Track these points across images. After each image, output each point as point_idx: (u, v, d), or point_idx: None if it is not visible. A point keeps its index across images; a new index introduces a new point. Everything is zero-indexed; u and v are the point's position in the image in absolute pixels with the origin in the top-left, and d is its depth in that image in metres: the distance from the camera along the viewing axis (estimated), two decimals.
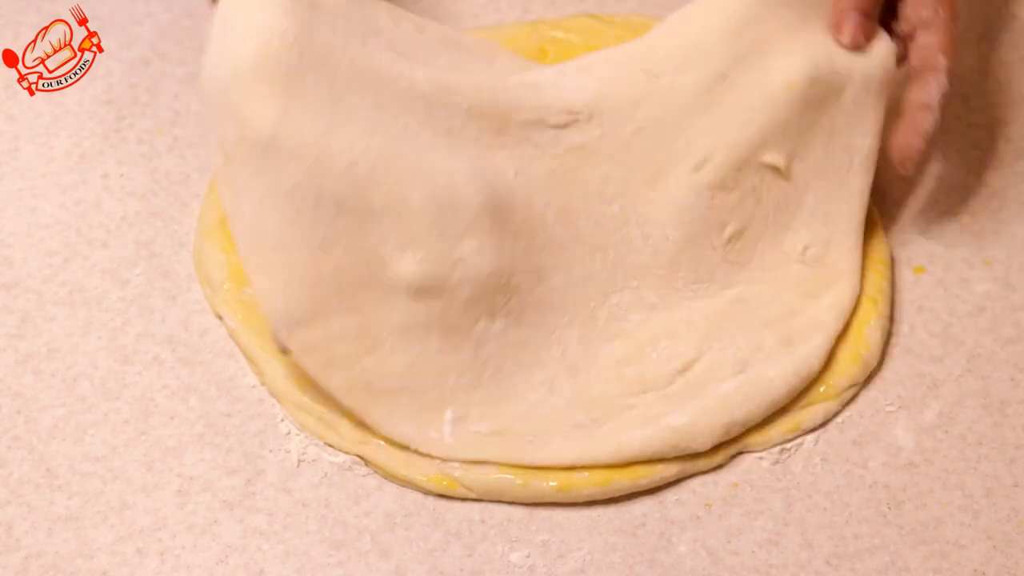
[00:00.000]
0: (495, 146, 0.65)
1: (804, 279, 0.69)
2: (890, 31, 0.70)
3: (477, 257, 0.63)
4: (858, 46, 0.69)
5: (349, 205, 0.60)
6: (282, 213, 0.60)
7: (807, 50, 0.68)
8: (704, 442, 0.63)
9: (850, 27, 0.69)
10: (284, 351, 0.62)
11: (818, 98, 0.68)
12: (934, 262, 0.73)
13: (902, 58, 0.71)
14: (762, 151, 0.68)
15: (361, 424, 0.64)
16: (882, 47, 0.70)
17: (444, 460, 0.63)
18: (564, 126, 0.68)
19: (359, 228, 0.61)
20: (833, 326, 0.67)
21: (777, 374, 0.65)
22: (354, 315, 0.62)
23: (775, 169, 0.69)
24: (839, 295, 0.68)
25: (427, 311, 0.63)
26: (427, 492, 0.63)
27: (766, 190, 0.69)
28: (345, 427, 0.64)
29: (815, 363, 0.65)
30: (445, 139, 0.63)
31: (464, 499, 0.63)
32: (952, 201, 0.76)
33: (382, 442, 0.63)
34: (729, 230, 0.69)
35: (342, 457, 0.64)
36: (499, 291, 0.64)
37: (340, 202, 0.60)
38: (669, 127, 0.68)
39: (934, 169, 0.78)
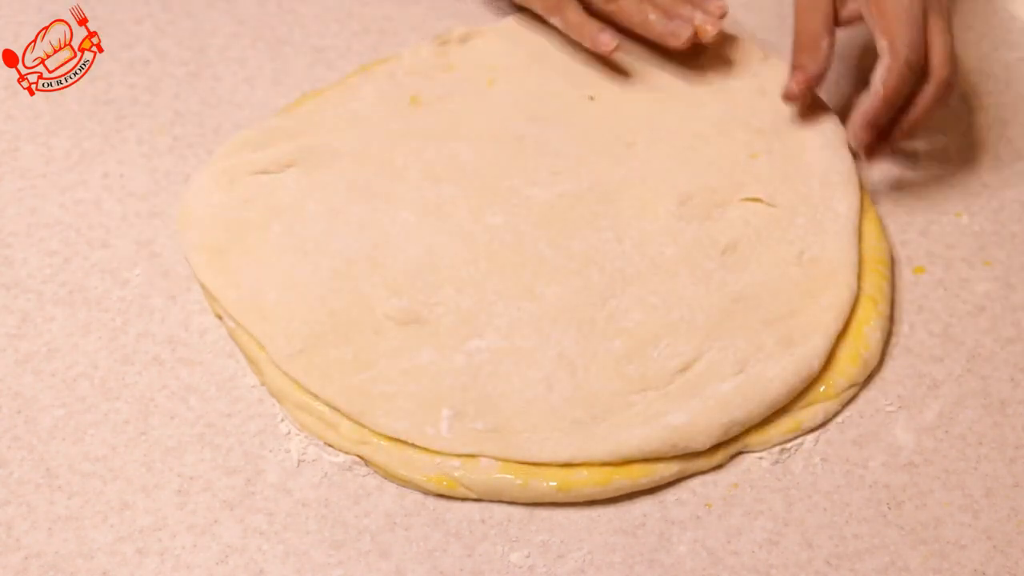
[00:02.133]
0: (484, 206, 0.72)
1: (802, 279, 0.69)
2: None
3: (456, 296, 0.68)
4: (789, 97, 0.74)
5: (343, 271, 0.69)
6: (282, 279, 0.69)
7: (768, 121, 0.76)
8: (704, 441, 0.63)
9: (794, 82, 0.74)
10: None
11: (783, 154, 0.74)
12: (934, 262, 0.73)
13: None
14: (740, 192, 0.73)
15: (360, 423, 0.64)
16: (832, 123, 0.76)
17: (441, 455, 0.63)
18: (551, 182, 0.74)
19: (352, 284, 0.68)
20: (832, 326, 0.67)
21: (777, 374, 0.65)
22: (348, 346, 0.66)
23: (758, 200, 0.73)
24: (837, 295, 0.68)
25: (417, 333, 0.67)
26: (427, 492, 0.63)
27: (753, 215, 0.73)
28: (345, 427, 0.64)
29: (815, 363, 0.65)
30: (434, 215, 0.72)
31: (464, 499, 0.63)
32: (952, 201, 0.76)
33: (382, 442, 0.64)
34: (723, 245, 0.71)
35: (342, 457, 0.64)
36: (485, 313, 0.68)
37: (336, 271, 0.69)
38: (650, 179, 0.74)
39: (934, 169, 0.78)
